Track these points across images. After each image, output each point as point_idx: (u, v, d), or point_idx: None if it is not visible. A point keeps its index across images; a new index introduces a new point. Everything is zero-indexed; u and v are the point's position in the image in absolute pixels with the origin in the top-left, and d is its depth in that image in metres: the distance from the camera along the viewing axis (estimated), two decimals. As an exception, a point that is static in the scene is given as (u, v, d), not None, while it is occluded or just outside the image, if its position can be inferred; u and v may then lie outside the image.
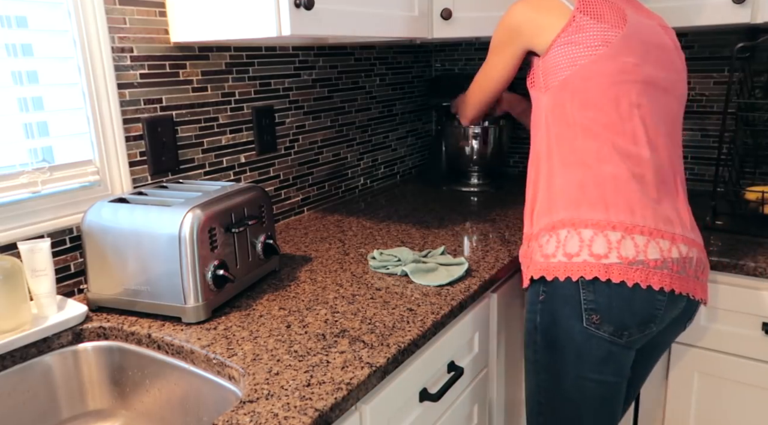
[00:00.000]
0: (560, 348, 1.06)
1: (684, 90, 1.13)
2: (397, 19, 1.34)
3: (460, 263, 1.21)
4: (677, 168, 1.10)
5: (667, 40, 1.10)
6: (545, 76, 1.08)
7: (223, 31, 1.15)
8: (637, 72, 1.03)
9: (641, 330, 1.03)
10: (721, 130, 1.41)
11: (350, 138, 1.84)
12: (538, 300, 1.08)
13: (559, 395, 1.09)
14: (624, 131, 1.03)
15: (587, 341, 1.04)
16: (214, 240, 1.02)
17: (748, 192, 1.47)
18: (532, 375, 1.13)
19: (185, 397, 0.96)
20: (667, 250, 1.01)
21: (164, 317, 1.03)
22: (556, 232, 1.05)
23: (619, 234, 1.00)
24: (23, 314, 0.95)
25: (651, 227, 1.01)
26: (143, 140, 1.24)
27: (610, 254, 1.00)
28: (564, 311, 1.04)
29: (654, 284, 0.99)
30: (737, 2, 1.32)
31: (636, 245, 1.00)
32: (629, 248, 1.00)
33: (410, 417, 0.98)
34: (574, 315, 1.03)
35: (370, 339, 0.93)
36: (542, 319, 1.08)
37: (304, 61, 1.62)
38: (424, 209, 1.69)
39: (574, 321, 1.03)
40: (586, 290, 1.01)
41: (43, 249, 0.99)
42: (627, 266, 0.99)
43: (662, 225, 1.02)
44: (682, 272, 1.02)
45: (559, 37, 1.04)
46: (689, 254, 1.03)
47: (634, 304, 1.01)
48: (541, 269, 1.06)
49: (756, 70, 1.63)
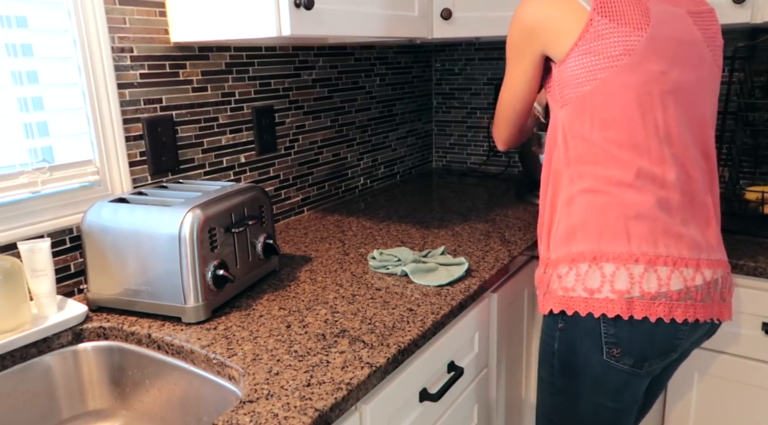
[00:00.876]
0: (577, 376, 1.03)
1: (715, 86, 1.04)
2: (397, 19, 1.34)
3: (460, 263, 1.21)
4: (708, 183, 1.03)
5: (696, 32, 0.99)
6: (561, 88, 1.00)
7: (223, 31, 1.15)
8: (663, 81, 0.95)
9: (662, 360, 1.01)
10: (721, 130, 1.41)
11: (350, 138, 1.84)
12: (557, 328, 1.04)
13: (573, 416, 1.07)
14: (649, 152, 0.96)
15: (606, 372, 1.01)
16: (214, 240, 1.02)
17: (748, 192, 1.47)
18: (546, 394, 1.11)
19: (185, 397, 0.96)
20: (690, 278, 0.97)
21: (164, 317, 1.03)
22: (576, 265, 1.00)
23: (642, 268, 0.96)
24: (23, 314, 0.95)
25: (675, 256, 0.96)
26: (143, 140, 1.24)
27: (632, 290, 0.96)
28: (584, 342, 1.01)
29: (677, 317, 0.96)
30: (737, 2, 1.32)
31: (659, 278, 0.96)
32: (652, 282, 0.95)
33: (410, 417, 0.98)
34: (594, 348, 1.00)
35: (370, 339, 0.93)
36: (561, 347, 1.04)
37: (304, 61, 1.62)
38: (424, 209, 1.69)
39: (594, 353, 1.00)
40: (608, 325, 0.98)
41: (43, 249, 0.99)
42: (649, 301, 0.95)
43: (686, 252, 0.97)
44: (706, 299, 0.98)
45: (576, 45, 0.95)
46: (714, 277, 0.99)
47: (655, 337, 0.97)
48: (560, 302, 1.01)
49: (756, 70, 1.63)
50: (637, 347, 0.98)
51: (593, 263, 0.98)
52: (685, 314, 0.96)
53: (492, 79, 2.14)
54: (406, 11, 1.37)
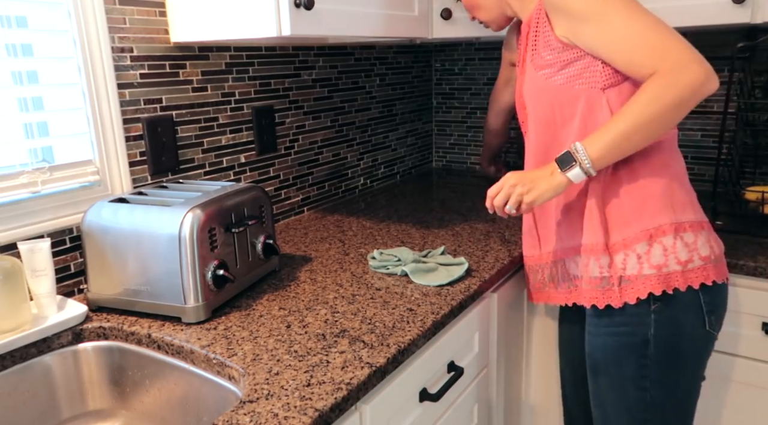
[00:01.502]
0: (682, 356, 1.01)
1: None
2: (397, 19, 1.34)
3: (460, 263, 1.21)
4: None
5: None
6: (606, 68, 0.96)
7: (223, 31, 1.15)
8: None
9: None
10: (721, 130, 1.41)
11: (350, 138, 1.84)
12: (650, 312, 0.99)
13: (672, 406, 1.04)
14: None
15: (707, 343, 1.02)
16: (214, 240, 1.02)
17: (748, 192, 1.47)
18: (635, 392, 1.04)
19: (185, 397, 0.96)
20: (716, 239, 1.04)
21: (164, 317, 1.03)
22: (658, 240, 0.97)
23: (706, 233, 1.00)
24: (23, 314, 0.95)
25: (704, 219, 1.03)
26: (143, 140, 1.24)
27: (711, 255, 0.99)
28: (688, 318, 0.99)
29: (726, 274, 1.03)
30: (737, 2, 1.32)
31: (715, 240, 1.02)
32: (714, 244, 1.01)
33: (410, 417, 0.98)
34: (698, 321, 0.99)
35: (370, 339, 0.93)
36: (659, 331, 0.99)
37: (304, 61, 1.62)
38: (424, 209, 1.69)
39: (698, 326, 1.00)
40: (705, 294, 0.99)
41: (43, 249, 0.99)
42: (722, 262, 1.01)
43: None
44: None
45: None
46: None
47: (726, 297, 1.03)
48: (656, 283, 0.97)
49: (756, 70, 1.63)
50: (721, 310, 1.02)
51: (677, 235, 0.98)
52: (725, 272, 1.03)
53: (492, 79, 2.14)
54: (406, 11, 1.37)
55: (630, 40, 0.90)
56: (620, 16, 0.90)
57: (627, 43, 0.90)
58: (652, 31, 0.89)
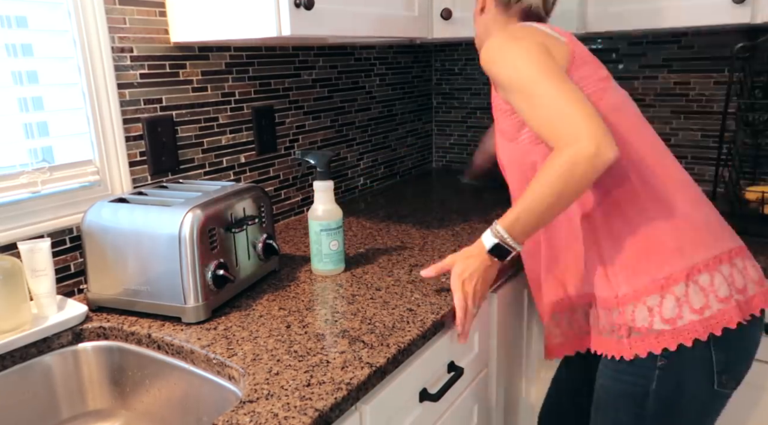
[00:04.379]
0: (679, 413, 0.95)
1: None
2: (397, 19, 1.34)
3: None
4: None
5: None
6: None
7: (223, 31, 1.15)
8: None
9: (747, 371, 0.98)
10: (721, 130, 1.41)
11: (350, 138, 1.84)
12: (655, 367, 0.94)
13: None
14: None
15: (713, 401, 0.95)
16: (214, 240, 1.02)
17: (748, 192, 1.47)
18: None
19: (185, 397, 0.96)
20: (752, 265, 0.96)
21: (164, 317, 1.03)
22: (669, 290, 0.91)
23: (727, 267, 0.92)
24: (23, 314, 0.95)
25: (731, 246, 0.95)
26: (143, 140, 1.24)
27: (732, 293, 0.91)
28: (693, 376, 0.93)
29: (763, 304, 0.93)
30: (737, 2, 1.32)
31: (742, 270, 0.93)
32: (737, 277, 0.92)
33: (410, 417, 0.98)
34: (704, 379, 0.92)
35: (370, 339, 0.93)
36: (660, 386, 0.94)
37: (304, 61, 1.62)
38: (424, 209, 1.69)
39: (704, 384, 0.93)
40: (718, 349, 0.91)
41: (43, 249, 0.99)
42: (748, 298, 0.91)
43: (732, 242, 0.96)
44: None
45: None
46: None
47: (749, 345, 0.94)
48: (664, 339, 0.91)
49: (756, 70, 1.63)
50: (738, 366, 0.94)
51: (689, 281, 0.91)
52: (762, 302, 0.93)
53: (492, 79, 2.14)
54: (406, 11, 1.37)
55: (538, 116, 0.91)
56: (532, 89, 0.91)
57: (536, 119, 0.91)
58: (554, 106, 0.88)
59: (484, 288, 1.04)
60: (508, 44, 0.95)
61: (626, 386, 0.98)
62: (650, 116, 1.86)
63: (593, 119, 0.85)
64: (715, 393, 0.94)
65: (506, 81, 0.95)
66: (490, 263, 1.00)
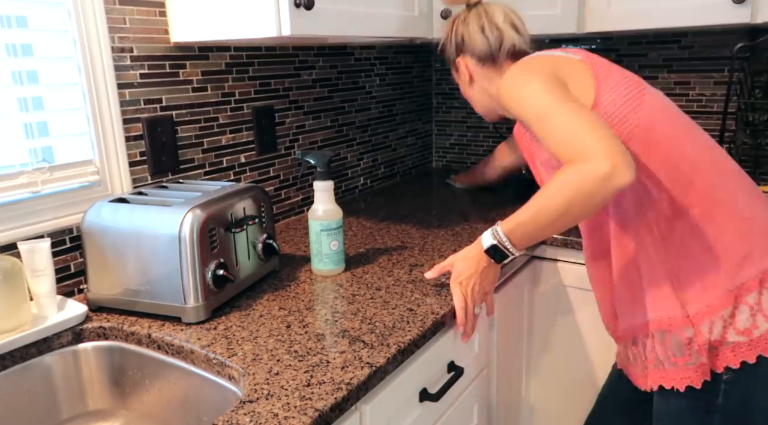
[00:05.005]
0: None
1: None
2: (397, 19, 1.34)
3: None
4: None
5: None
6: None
7: (223, 31, 1.15)
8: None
9: None
10: (721, 130, 1.41)
11: (350, 138, 1.84)
12: (723, 380, 0.90)
13: None
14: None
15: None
16: (214, 240, 1.02)
17: (748, 192, 1.46)
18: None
19: (185, 397, 0.96)
20: None
21: (164, 317, 1.03)
22: (743, 300, 0.87)
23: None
24: (23, 314, 0.95)
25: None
26: (143, 140, 1.24)
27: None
28: (764, 392, 0.88)
29: None
30: (737, 2, 1.32)
31: None
32: None
33: (410, 417, 0.98)
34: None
35: (370, 339, 0.93)
36: (728, 401, 0.90)
37: (304, 61, 1.62)
38: (424, 209, 1.69)
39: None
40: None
41: (43, 249, 0.99)
42: None
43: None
44: None
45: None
46: None
47: None
48: (741, 352, 0.87)
49: (756, 70, 1.63)
50: None
51: (762, 288, 0.87)
52: None
53: (492, 79, 2.14)
54: (406, 11, 1.37)
55: (555, 140, 0.88)
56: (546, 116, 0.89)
57: (554, 143, 0.89)
58: (570, 127, 0.86)
59: (484, 288, 1.03)
60: (519, 79, 0.95)
61: (692, 401, 0.93)
62: (650, 116, 1.85)
63: (611, 140, 0.82)
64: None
65: (524, 115, 0.93)
66: (487, 263, 1.00)
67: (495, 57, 1.10)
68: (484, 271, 1.01)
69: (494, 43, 1.09)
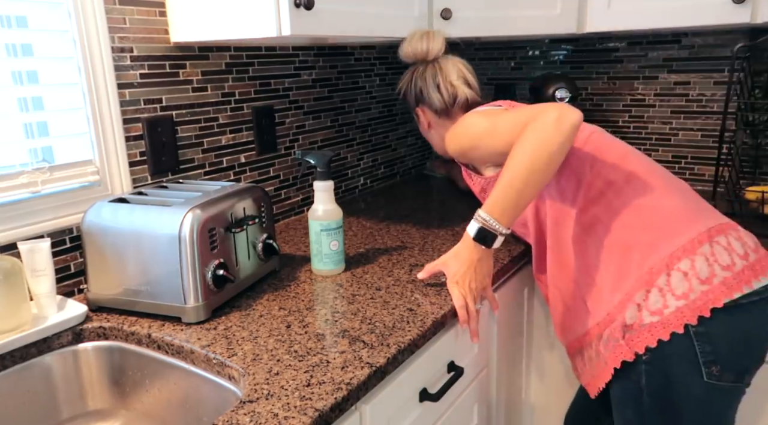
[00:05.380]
0: (678, 409, 0.94)
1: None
2: (397, 19, 1.34)
3: None
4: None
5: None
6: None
7: (223, 31, 1.15)
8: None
9: (759, 365, 0.94)
10: (721, 130, 1.41)
11: (350, 138, 1.84)
12: (642, 361, 0.95)
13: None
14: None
15: (711, 396, 0.92)
16: (214, 240, 1.02)
17: (748, 192, 1.47)
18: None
19: (185, 397, 0.96)
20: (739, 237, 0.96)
21: (164, 318, 1.03)
22: (653, 283, 0.93)
23: (707, 246, 0.92)
24: (23, 314, 0.95)
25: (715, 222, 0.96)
26: (143, 140, 1.24)
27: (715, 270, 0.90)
28: (678, 369, 0.92)
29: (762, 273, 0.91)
30: (737, 2, 1.32)
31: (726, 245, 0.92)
32: (721, 256, 0.91)
33: (410, 417, 0.98)
34: (691, 372, 0.91)
35: (370, 339, 0.93)
36: (650, 381, 0.95)
37: (304, 61, 1.62)
38: (424, 209, 1.69)
39: (693, 377, 0.91)
40: (701, 339, 0.89)
41: (43, 249, 0.99)
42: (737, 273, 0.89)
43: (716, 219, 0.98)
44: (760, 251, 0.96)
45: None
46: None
47: (750, 338, 0.91)
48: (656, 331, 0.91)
49: (756, 70, 1.63)
50: (735, 357, 0.91)
51: (669, 270, 0.92)
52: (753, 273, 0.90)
53: (492, 79, 2.14)
54: (406, 11, 1.37)
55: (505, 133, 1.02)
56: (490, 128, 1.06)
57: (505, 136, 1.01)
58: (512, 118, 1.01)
59: (481, 283, 1.04)
60: (458, 127, 1.14)
61: (623, 381, 0.99)
62: (650, 115, 1.86)
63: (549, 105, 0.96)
64: (709, 386, 0.91)
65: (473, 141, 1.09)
66: (479, 255, 1.01)
67: (449, 111, 1.26)
68: (477, 265, 1.02)
69: (449, 100, 1.24)
